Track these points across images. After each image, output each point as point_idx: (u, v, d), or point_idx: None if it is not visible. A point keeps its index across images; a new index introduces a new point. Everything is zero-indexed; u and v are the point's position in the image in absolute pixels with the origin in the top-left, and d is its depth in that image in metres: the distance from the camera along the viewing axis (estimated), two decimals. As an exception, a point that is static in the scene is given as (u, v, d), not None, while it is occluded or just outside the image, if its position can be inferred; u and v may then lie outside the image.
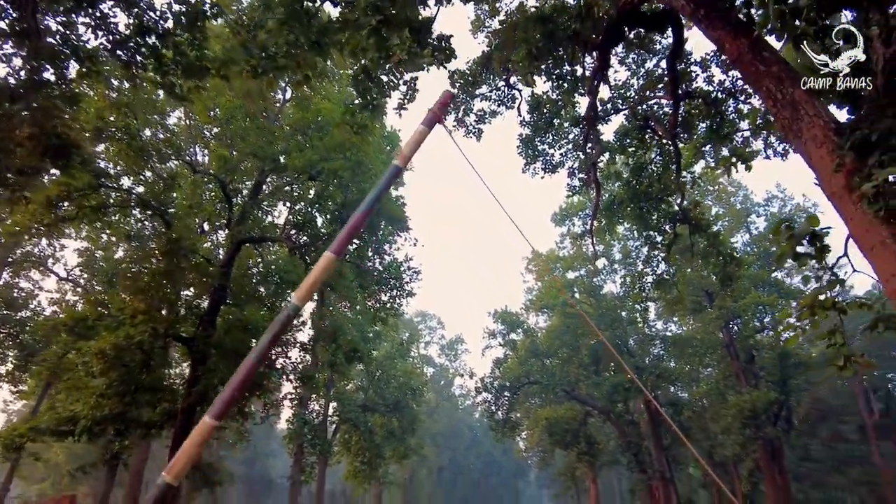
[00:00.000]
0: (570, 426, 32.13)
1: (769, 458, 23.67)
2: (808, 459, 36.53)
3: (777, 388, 24.16)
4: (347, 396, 31.42)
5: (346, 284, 18.70)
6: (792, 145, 5.72)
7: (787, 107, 5.87)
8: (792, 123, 5.76)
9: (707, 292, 27.19)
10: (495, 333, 35.48)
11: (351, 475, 33.19)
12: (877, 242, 4.85)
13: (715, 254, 13.29)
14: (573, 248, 37.15)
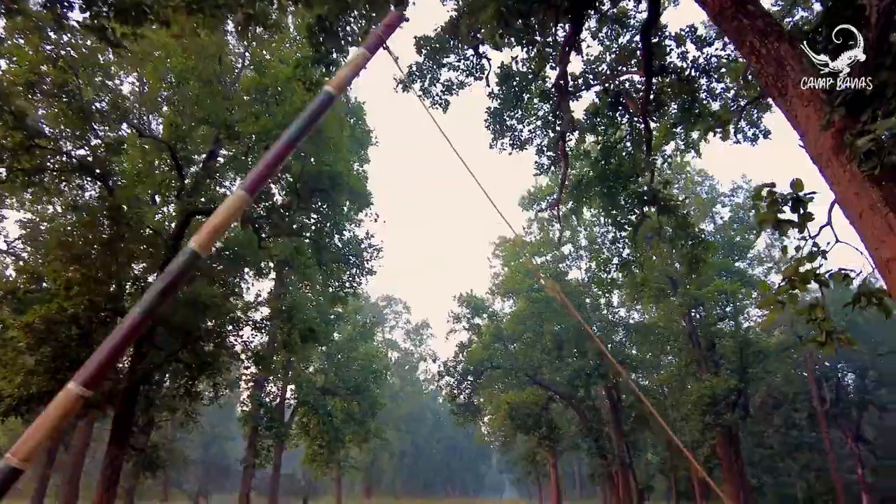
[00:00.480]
0: (532, 411, 32.04)
1: (726, 444, 23.94)
2: (762, 446, 37.42)
3: (736, 375, 24.42)
4: (306, 379, 30.60)
5: (304, 261, 17.88)
6: (777, 103, 5.22)
7: (772, 63, 5.37)
8: (776, 80, 5.28)
9: (671, 279, 27.25)
10: (460, 317, 35.08)
11: (309, 459, 32.50)
12: (865, 207, 4.42)
13: (683, 236, 12.98)
14: (540, 234, 36.93)
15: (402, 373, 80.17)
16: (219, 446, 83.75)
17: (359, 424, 31.11)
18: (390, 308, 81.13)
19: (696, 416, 22.82)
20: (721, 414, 22.69)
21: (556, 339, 32.43)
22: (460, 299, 34.86)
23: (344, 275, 17.37)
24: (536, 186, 32.52)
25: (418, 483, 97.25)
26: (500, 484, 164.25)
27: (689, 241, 13.01)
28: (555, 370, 31.76)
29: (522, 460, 39.09)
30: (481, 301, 34.54)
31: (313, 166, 15.44)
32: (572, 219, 33.62)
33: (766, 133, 15.67)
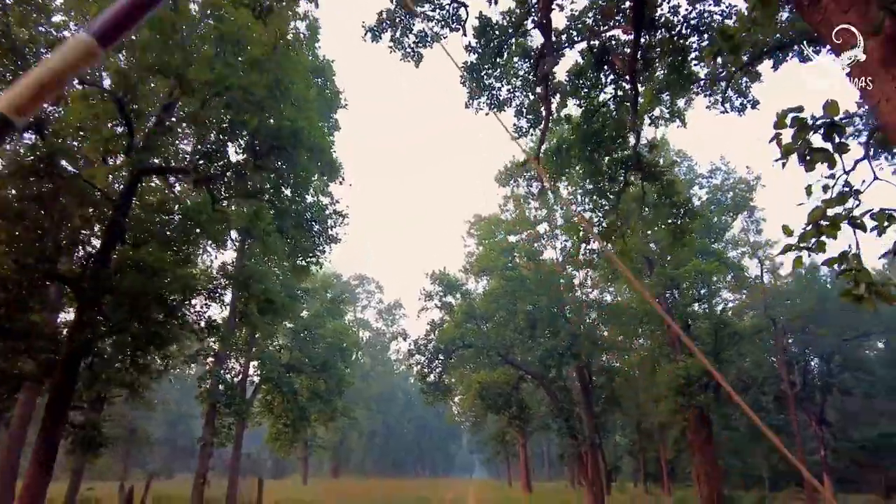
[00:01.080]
0: (503, 391, 31.48)
1: (699, 426, 23.69)
2: (728, 428, 37.63)
3: (710, 357, 24.07)
4: (270, 355, 29.40)
5: (264, 228, 16.64)
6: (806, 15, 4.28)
7: (802, -37, 4.44)
8: (809, -13, 4.35)
9: (647, 259, 26.73)
10: (432, 295, 34.16)
11: (273, 438, 31.50)
12: (924, 129, 3.55)
13: (668, 204, 12.17)
14: (516, 211, 36.12)
15: (373, 352, 79.33)
16: (185, 425, 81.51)
17: (325, 403, 30.12)
18: (362, 287, 79.99)
19: (671, 396, 22.43)
20: (695, 395, 22.35)
21: (529, 319, 31.78)
22: (433, 277, 33.92)
23: (306, 242, 16.20)
24: (514, 161, 31.60)
25: (388, 463, 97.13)
26: (469, 464, 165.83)
27: (675, 209, 12.22)
28: (527, 350, 31.17)
29: (492, 440, 38.75)
30: (454, 280, 33.65)
31: (273, 123, 14.17)
32: (549, 196, 33.00)
33: (755, 103, 14.96)
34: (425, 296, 34.24)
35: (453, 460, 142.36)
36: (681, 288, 25.08)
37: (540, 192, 31.00)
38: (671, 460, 39.76)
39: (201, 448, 23.17)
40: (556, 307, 31.59)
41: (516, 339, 32.58)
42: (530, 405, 33.86)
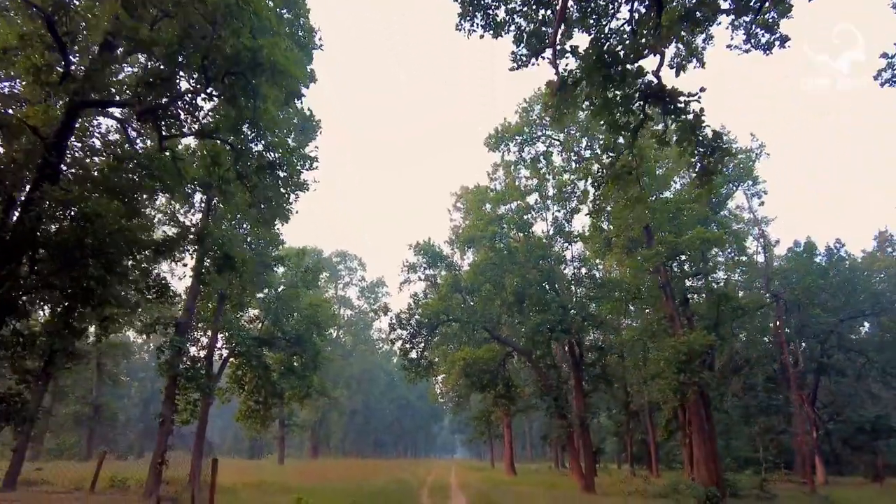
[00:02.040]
0: (489, 367, 29.80)
1: (697, 405, 22.20)
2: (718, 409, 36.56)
3: (712, 332, 22.56)
4: (238, 326, 27.32)
5: (223, 175, 14.49)
6: None
7: None
8: None
9: (646, 228, 24.99)
10: (416, 267, 32.25)
11: (243, 416, 29.57)
12: None
13: (693, 141, 10.29)
14: (506, 179, 34.17)
15: (354, 331, 77.45)
16: (159, 403, 78.96)
17: (299, 379, 28.22)
18: (344, 264, 77.77)
19: (670, 373, 20.85)
20: (696, 372, 20.80)
21: (518, 293, 30.02)
22: (416, 247, 31.97)
23: (270, 190, 14.11)
24: (504, 124, 29.59)
25: (369, 443, 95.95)
26: (451, 444, 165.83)
27: (702, 147, 10.34)
28: (514, 325, 29.52)
29: (477, 420, 37.17)
30: (439, 251, 31.71)
31: (228, 46, 11.95)
32: (540, 161, 31.09)
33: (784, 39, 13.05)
34: (408, 268, 32.35)
35: (435, 441, 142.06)
36: (681, 259, 23.42)
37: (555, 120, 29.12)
38: (660, 442, 38.64)
39: (160, 425, 21.13)
40: (546, 281, 29.86)
41: (503, 313, 30.90)
42: (516, 383, 32.28)
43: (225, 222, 25.74)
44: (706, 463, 21.67)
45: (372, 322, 78.50)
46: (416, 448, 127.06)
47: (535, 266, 30.03)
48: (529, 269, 29.86)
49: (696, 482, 29.70)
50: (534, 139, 29.55)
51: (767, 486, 23.53)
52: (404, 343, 30.31)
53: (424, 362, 30.96)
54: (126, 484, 22.45)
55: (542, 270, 29.91)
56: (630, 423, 43.61)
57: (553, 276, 30.51)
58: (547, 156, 30.38)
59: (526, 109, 29.01)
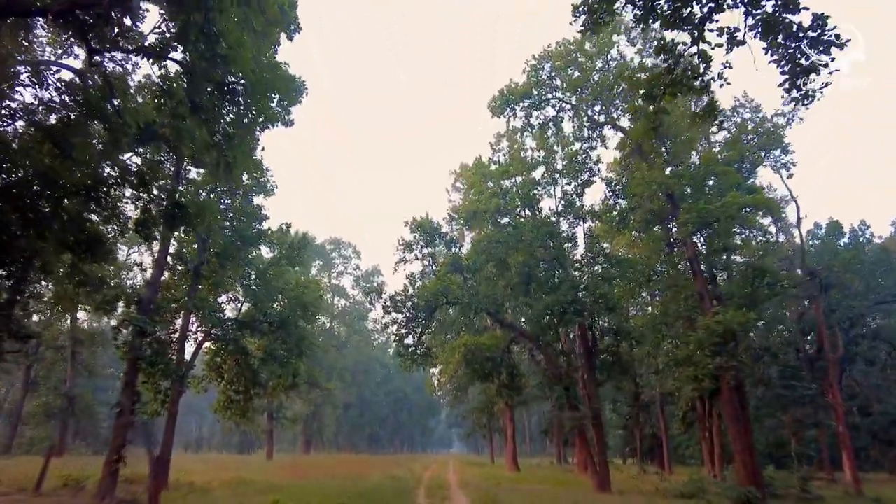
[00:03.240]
0: (492, 354, 27.14)
1: (731, 393, 19.51)
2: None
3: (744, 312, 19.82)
4: (214, 307, 24.55)
5: (174, 108, 11.67)
6: None
7: None
8: None
9: (669, 196, 22.24)
10: (411, 245, 29.46)
11: (221, 407, 26.81)
12: None
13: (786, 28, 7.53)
14: (510, 150, 31.40)
15: (349, 321, 74.68)
16: None
17: (282, 366, 25.44)
18: (338, 252, 74.93)
19: (703, 357, 18.14)
20: (734, 355, 18.14)
21: (524, 273, 27.33)
22: (412, 224, 29.18)
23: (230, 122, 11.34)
24: (510, 85, 26.77)
25: (363, 437, 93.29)
26: (448, 439, 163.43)
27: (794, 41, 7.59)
28: (520, 308, 26.89)
29: (477, 411, 34.41)
30: (437, 227, 28.92)
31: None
32: (550, 128, 28.27)
33: None
34: (404, 246, 29.54)
35: (431, 435, 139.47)
36: (713, 228, 20.66)
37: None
38: (677, 436, 36.08)
39: (117, 417, 18.35)
40: (555, 260, 27.16)
41: (508, 296, 28.17)
42: (521, 372, 29.63)
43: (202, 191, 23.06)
44: (742, 459, 19.00)
45: (367, 313, 75.67)
46: (412, 443, 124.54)
47: (543, 245, 27.33)
48: (536, 247, 27.16)
49: (718, 479, 27.24)
50: (543, 102, 26.72)
51: (808, 485, 20.87)
52: (399, 328, 27.64)
53: (421, 349, 28.29)
54: (81, 484, 19.70)
55: (550, 249, 27.21)
56: (639, 415, 41.10)
57: (562, 255, 27.80)
58: (557, 122, 27.56)
59: (535, 68, 26.15)
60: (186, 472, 28.13)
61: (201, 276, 24.73)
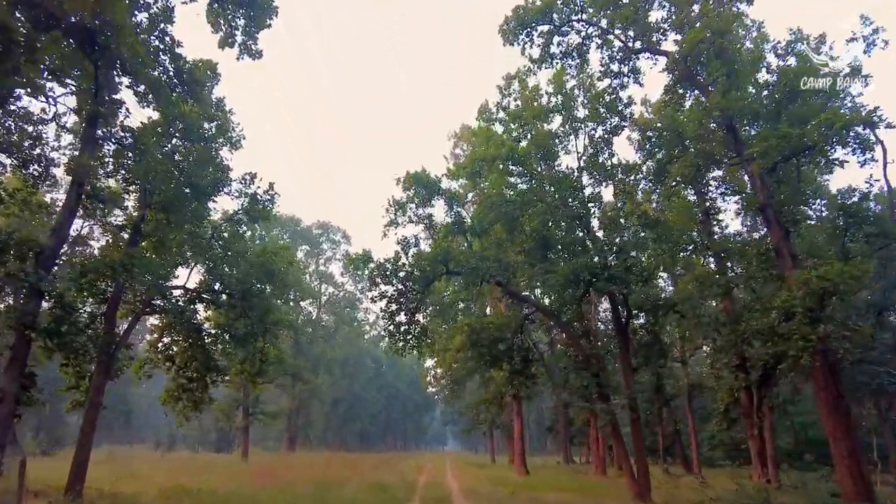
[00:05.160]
0: (501, 335, 22.31)
1: (826, 375, 14.68)
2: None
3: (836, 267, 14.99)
4: (159, 272, 19.48)
5: None
6: None
7: None
8: None
9: (728, 124, 17.32)
10: (404, 205, 24.55)
11: (170, 397, 21.82)
12: None
13: None
14: (521, 94, 26.43)
15: (337, 310, 69.59)
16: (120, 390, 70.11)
17: (239, 344, 20.50)
18: (326, 236, 69.72)
19: (801, 324, 13.24)
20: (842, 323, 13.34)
21: (540, 237, 22.47)
22: (405, 181, 24.25)
23: None
24: (527, 2, 21.82)
25: (354, 434, 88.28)
26: (442, 436, 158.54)
27: None
28: (537, 277, 22.04)
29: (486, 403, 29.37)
30: (437, 180, 23.98)
31: None
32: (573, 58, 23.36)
33: None
34: (395, 206, 24.59)
35: (426, 432, 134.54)
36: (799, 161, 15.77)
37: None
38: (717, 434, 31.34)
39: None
40: (579, 219, 22.34)
41: (522, 263, 23.28)
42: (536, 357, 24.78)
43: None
44: (847, 464, 14.14)
45: (357, 301, 70.58)
46: (405, 440, 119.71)
47: (563, 202, 22.51)
48: (556, 204, 22.34)
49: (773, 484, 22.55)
50: (565, 23, 21.82)
51: None
52: (390, 302, 22.63)
53: (415, 328, 23.28)
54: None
55: (572, 207, 22.39)
56: (662, 410, 36.37)
57: (588, 214, 22.98)
58: (582, 51, 22.65)
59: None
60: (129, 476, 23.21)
61: (141, 232, 19.76)
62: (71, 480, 15.85)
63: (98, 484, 18.78)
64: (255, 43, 21.92)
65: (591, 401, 20.32)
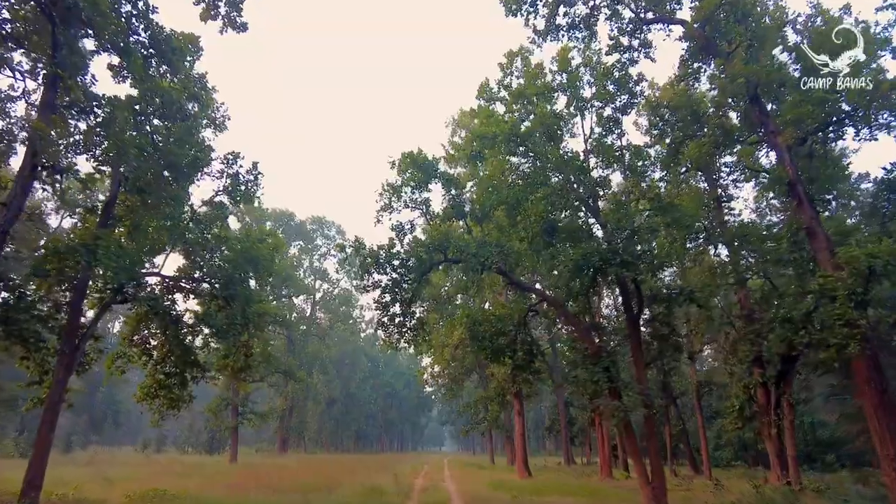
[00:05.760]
0: (503, 327, 20.72)
1: (871, 368, 13.15)
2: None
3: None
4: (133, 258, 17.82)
5: None
6: None
7: None
8: None
9: (754, 99, 15.80)
10: (399, 189, 22.91)
11: (145, 394, 20.17)
12: None
13: None
14: (524, 72, 24.85)
15: (332, 308, 67.89)
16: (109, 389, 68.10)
17: (219, 335, 18.89)
18: (321, 232, 68.08)
19: (845, 307, 11.59)
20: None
21: (545, 223, 20.87)
22: (401, 162, 22.62)
23: None
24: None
25: (349, 435, 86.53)
26: (440, 436, 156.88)
27: None
28: (544, 262, 20.51)
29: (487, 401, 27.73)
30: (434, 161, 22.36)
31: None
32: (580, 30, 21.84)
33: None
34: (389, 190, 22.93)
35: (422, 433, 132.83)
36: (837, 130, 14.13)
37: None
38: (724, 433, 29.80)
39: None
40: (587, 201, 20.82)
41: (524, 250, 21.70)
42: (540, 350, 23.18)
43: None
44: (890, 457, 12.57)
45: (352, 298, 68.89)
46: (402, 440, 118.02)
47: (570, 186, 20.99)
48: (563, 188, 20.81)
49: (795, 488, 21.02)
50: (574, -11, 20.29)
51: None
52: (383, 292, 21.04)
53: (410, 321, 21.69)
54: None
55: (579, 190, 20.86)
56: (669, 409, 34.87)
57: (594, 201, 21.44)
58: (589, 24, 21.13)
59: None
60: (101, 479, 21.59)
61: (112, 214, 18.19)
62: (25, 488, 14.18)
63: (68, 489, 17.21)
64: (240, 14, 20.32)
65: (601, 397, 18.73)
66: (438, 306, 33.90)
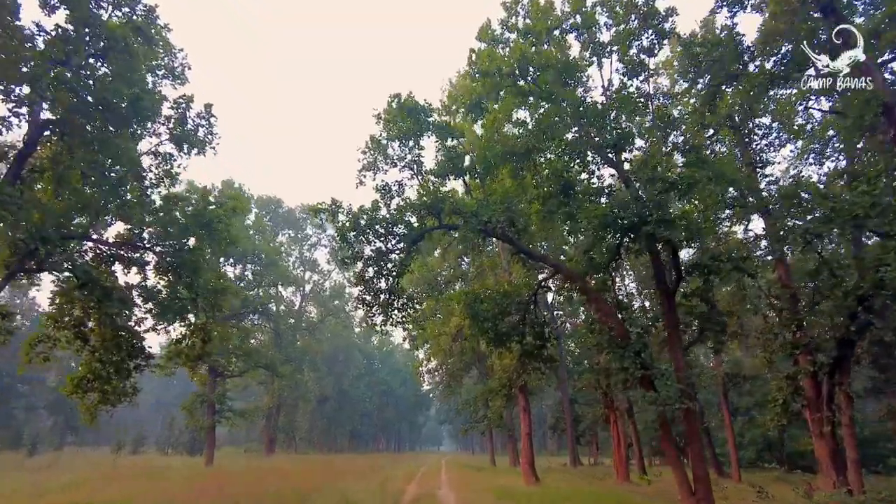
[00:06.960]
0: (508, 306, 17.27)
1: None
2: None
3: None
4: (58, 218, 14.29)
5: None
6: None
7: None
8: None
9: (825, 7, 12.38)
10: (385, 145, 19.39)
11: (76, 386, 16.66)
12: None
13: None
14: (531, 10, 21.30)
15: (323, 300, 64.31)
16: None
17: (161, 312, 15.37)
18: (311, 220, 64.35)
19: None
20: None
21: (560, 180, 17.35)
22: (388, 110, 19.09)
23: None
24: None
25: (343, 434, 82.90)
26: (437, 436, 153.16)
27: None
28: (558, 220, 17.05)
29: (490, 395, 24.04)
30: (427, 107, 18.78)
31: None
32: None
33: None
34: (374, 146, 19.40)
35: (420, 432, 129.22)
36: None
37: None
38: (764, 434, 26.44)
39: None
40: (607, 160, 17.36)
41: (535, 212, 18.20)
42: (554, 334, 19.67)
43: None
44: None
45: (344, 291, 65.32)
46: (398, 440, 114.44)
47: (584, 130, 17.56)
48: (581, 140, 17.37)
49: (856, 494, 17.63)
50: None
51: None
52: (366, 265, 17.55)
53: (398, 299, 18.15)
54: None
55: (601, 141, 17.38)
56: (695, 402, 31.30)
57: (618, 154, 17.95)
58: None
59: None
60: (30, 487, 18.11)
61: (25, 162, 14.69)
62: None
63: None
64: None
65: (625, 384, 15.27)
66: (433, 291, 30.46)
